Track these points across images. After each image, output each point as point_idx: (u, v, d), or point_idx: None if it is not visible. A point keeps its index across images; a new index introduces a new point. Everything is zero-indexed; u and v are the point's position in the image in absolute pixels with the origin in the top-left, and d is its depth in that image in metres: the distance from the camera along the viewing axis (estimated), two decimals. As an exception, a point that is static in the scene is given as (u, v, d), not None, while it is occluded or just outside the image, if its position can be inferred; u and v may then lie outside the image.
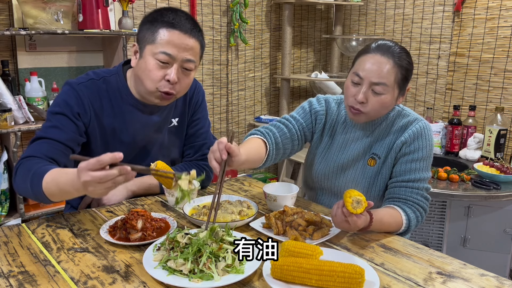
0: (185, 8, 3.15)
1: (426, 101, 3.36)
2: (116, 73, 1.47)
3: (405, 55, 1.36)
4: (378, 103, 1.36)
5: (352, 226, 1.15)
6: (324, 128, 1.57)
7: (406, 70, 1.36)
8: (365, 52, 1.38)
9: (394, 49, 1.35)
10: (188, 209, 1.36)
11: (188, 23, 1.36)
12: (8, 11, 2.46)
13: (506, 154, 2.82)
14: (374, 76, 1.33)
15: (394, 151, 1.44)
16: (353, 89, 1.38)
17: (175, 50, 1.34)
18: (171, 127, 1.56)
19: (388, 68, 1.33)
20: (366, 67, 1.34)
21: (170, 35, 1.33)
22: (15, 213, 2.39)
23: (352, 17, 3.83)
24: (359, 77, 1.36)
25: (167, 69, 1.35)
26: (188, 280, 0.96)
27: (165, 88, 1.36)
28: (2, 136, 2.41)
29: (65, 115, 1.37)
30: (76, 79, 1.44)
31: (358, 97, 1.35)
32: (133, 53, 1.42)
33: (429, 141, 1.41)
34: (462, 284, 1.01)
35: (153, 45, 1.34)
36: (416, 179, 1.39)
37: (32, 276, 1.01)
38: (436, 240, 2.37)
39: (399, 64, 1.34)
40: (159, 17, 1.36)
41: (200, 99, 1.63)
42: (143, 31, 1.38)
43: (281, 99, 3.67)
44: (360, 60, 1.38)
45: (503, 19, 2.85)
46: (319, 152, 1.57)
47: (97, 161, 1.02)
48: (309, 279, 0.95)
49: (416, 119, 1.44)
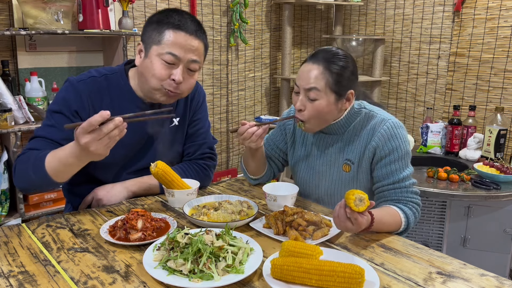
0: (185, 8, 3.15)
1: (426, 101, 3.36)
2: (118, 71, 1.49)
3: (340, 61, 1.38)
4: (314, 109, 1.40)
5: (355, 226, 1.14)
6: (295, 137, 1.62)
7: (339, 75, 1.37)
8: (304, 61, 1.45)
9: (327, 55, 1.39)
10: (188, 209, 1.36)
11: (193, 25, 1.39)
12: (8, 11, 2.46)
13: (506, 154, 2.82)
14: (306, 83, 1.39)
15: (368, 156, 1.44)
16: (295, 98, 1.45)
17: (181, 51, 1.36)
18: (172, 126, 1.57)
19: (316, 74, 1.38)
20: (301, 76, 1.42)
21: (176, 37, 1.36)
22: (15, 213, 2.39)
23: (352, 17, 3.83)
24: (297, 86, 1.43)
25: (172, 69, 1.38)
26: (188, 280, 0.96)
27: (170, 87, 1.39)
28: (2, 136, 2.41)
29: (62, 114, 1.39)
30: (78, 76, 1.46)
31: (296, 105, 1.42)
32: (137, 52, 1.44)
33: (400, 139, 1.41)
34: (462, 284, 1.01)
35: (159, 46, 1.36)
36: (400, 179, 1.40)
37: (32, 276, 1.01)
38: (436, 240, 2.37)
39: (329, 69, 1.37)
40: (165, 19, 1.38)
41: (201, 100, 1.65)
42: (148, 32, 1.40)
43: (281, 99, 3.67)
44: (299, 70, 1.45)
45: (503, 19, 2.86)
46: (297, 161, 1.61)
47: (89, 123, 1.11)
48: (309, 279, 0.95)
49: (383, 120, 1.44)
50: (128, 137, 1.45)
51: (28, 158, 1.30)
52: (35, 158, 1.27)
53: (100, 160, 1.28)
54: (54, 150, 1.25)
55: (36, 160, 1.26)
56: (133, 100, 1.47)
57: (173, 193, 1.42)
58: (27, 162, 1.29)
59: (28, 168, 1.27)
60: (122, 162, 1.51)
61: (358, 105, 1.49)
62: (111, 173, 1.52)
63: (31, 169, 1.26)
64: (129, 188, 1.51)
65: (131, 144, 1.49)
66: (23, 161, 1.31)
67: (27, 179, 1.30)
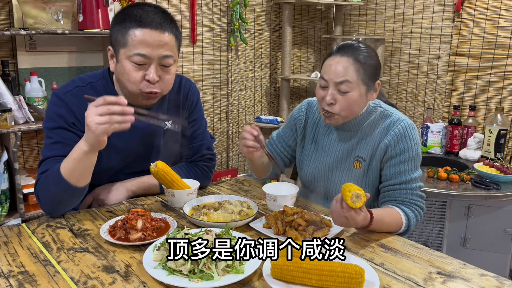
0: (185, 8, 3.15)
1: (426, 101, 3.36)
2: (103, 77, 1.45)
3: (365, 52, 1.40)
4: (346, 102, 1.39)
5: (351, 222, 1.14)
6: (305, 133, 1.62)
7: (368, 66, 1.39)
8: (328, 56, 1.44)
9: (354, 48, 1.40)
10: (188, 209, 1.36)
11: (158, 17, 1.30)
12: (8, 11, 2.46)
13: (506, 154, 2.82)
14: (336, 76, 1.38)
15: (379, 154, 1.44)
16: (322, 93, 1.43)
17: (149, 49, 1.29)
18: (165, 130, 1.54)
19: (348, 66, 1.37)
20: (329, 70, 1.40)
21: (141, 35, 1.28)
22: (15, 213, 2.39)
23: (352, 17, 3.83)
24: (324, 81, 1.41)
25: (145, 70, 1.32)
26: (188, 280, 0.96)
27: (147, 88, 1.33)
28: (2, 136, 2.41)
29: (62, 128, 1.36)
30: (62, 87, 1.42)
31: (326, 99, 1.40)
32: (109, 57, 1.38)
33: (413, 141, 1.42)
34: (462, 284, 1.01)
35: (125, 48, 1.30)
36: (408, 180, 1.39)
37: (32, 276, 1.01)
38: (436, 240, 2.37)
39: (358, 60, 1.37)
40: (127, 17, 1.30)
41: (195, 100, 1.61)
42: (114, 34, 1.33)
43: (281, 99, 3.67)
44: (324, 64, 1.43)
45: (503, 19, 2.86)
46: (305, 156, 1.61)
47: (103, 98, 1.13)
48: (309, 279, 0.95)
49: (398, 120, 1.44)
50: (121, 143, 1.45)
51: (46, 177, 1.28)
52: (51, 172, 1.26)
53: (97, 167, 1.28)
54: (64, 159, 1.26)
55: (53, 173, 1.25)
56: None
57: (173, 193, 1.42)
58: (46, 182, 1.27)
59: (49, 185, 1.26)
60: (119, 166, 1.50)
61: (374, 104, 1.50)
62: (107, 179, 1.51)
63: (51, 184, 1.25)
64: (129, 187, 1.51)
65: (126, 150, 1.47)
66: (42, 183, 1.29)
67: (50, 196, 1.28)
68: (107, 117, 1.12)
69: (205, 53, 3.33)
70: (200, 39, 3.28)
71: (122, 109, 1.13)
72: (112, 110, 1.12)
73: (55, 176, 1.24)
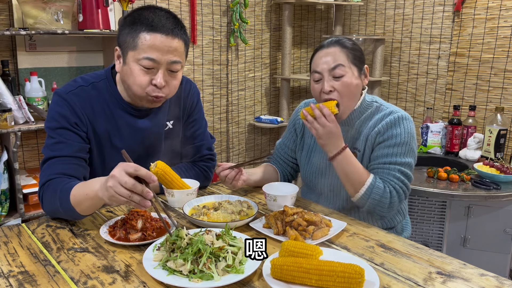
0: (185, 8, 3.16)
1: (426, 101, 3.36)
2: (105, 77, 1.44)
3: (349, 41, 1.48)
4: (343, 85, 1.43)
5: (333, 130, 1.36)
6: (304, 132, 1.66)
7: (355, 50, 1.47)
8: (315, 52, 1.50)
9: (338, 40, 1.48)
10: (188, 209, 1.36)
11: (169, 23, 1.30)
12: (8, 11, 2.46)
13: (506, 154, 2.82)
14: (329, 64, 1.43)
15: (370, 142, 1.48)
16: (318, 86, 1.47)
17: (159, 54, 1.29)
18: (166, 130, 1.54)
19: (337, 52, 1.44)
20: (320, 61, 1.46)
21: (152, 39, 1.27)
22: (15, 213, 2.39)
23: (352, 17, 3.83)
24: (318, 73, 1.46)
25: (153, 74, 1.32)
26: (188, 280, 0.96)
27: (153, 92, 1.33)
28: (2, 136, 2.40)
29: (65, 128, 1.35)
30: (64, 87, 1.41)
31: (324, 89, 1.44)
32: (116, 57, 1.38)
33: (404, 129, 1.44)
34: (462, 284, 1.01)
35: (135, 51, 1.29)
36: (392, 162, 1.42)
37: (32, 276, 1.01)
38: (436, 240, 2.37)
39: (345, 46, 1.46)
40: (138, 20, 1.29)
41: (196, 100, 1.61)
42: (123, 36, 1.32)
43: (281, 99, 3.67)
44: (314, 60, 1.49)
45: (503, 19, 2.86)
46: (305, 154, 1.64)
47: (135, 166, 1.09)
48: (309, 279, 0.95)
49: (392, 112, 1.48)
50: (122, 143, 1.45)
51: (55, 189, 1.27)
52: (60, 191, 1.25)
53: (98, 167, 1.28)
54: (80, 183, 1.25)
55: (62, 194, 1.24)
56: (122, 106, 1.43)
57: (173, 193, 1.42)
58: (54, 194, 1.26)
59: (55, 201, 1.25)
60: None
61: (370, 99, 1.54)
62: None
63: (58, 201, 1.25)
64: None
65: (127, 150, 1.47)
66: (50, 191, 1.28)
67: (54, 209, 1.28)
68: (128, 193, 1.08)
69: (205, 53, 3.33)
70: (200, 39, 3.28)
71: (143, 191, 1.09)
72: (136, 190, 1.08)
73: (63, 196, 1.23)
